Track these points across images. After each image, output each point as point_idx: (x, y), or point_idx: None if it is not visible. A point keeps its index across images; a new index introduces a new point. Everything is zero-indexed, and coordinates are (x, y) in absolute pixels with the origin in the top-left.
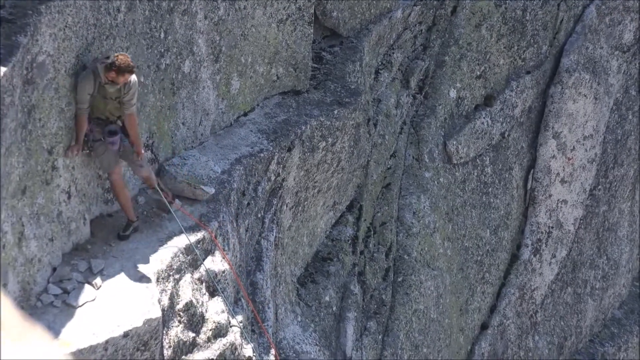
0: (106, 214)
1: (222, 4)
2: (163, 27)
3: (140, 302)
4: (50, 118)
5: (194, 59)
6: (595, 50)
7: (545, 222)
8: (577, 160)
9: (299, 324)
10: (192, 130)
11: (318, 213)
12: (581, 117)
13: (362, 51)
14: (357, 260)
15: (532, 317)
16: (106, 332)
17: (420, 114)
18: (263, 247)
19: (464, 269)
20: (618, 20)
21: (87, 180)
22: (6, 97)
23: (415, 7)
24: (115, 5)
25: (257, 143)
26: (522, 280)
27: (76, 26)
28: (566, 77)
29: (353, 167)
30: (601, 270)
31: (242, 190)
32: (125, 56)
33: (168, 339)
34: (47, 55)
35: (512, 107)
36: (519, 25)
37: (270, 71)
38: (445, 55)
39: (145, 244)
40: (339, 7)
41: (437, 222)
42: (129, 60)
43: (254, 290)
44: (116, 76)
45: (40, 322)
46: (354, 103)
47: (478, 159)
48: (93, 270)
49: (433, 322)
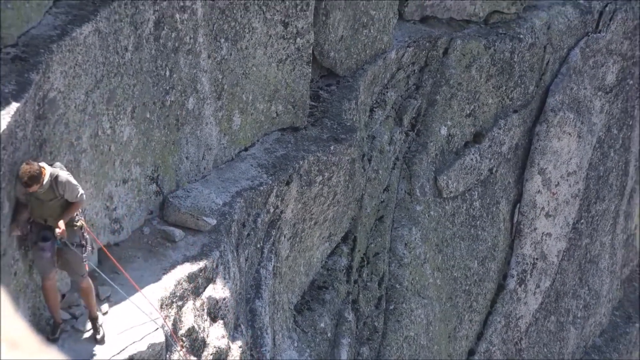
0: (113, 244)
1: (225, 44)
2: (168, 66)
3: (145, 328)
4: (61, 151)
5: (198, 97)
6: (579, 90)
7: (530, 254)
8: (561, 195)
9: (295, 349)
10: (195, 164)
11: (314, 244)
12: (565, 154)
13: (358, 90)
14: (351, 289)
15: (517, 344)
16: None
17: (413, 150)
18: (262, 276)
19: (452, 298)
20: (601, 62)
21: (95, 212)
22: (19, 131)
23: (409, 49)
24: (123, 45)
25: (257, 177)
26: (508, 309)
27: (86, 64)
28: (551, 116)
29: (348, 201)
30: (583, 300)
31: (242, 221)
32: (27, 165)
33: None
34: (58, 91)
35: (499, 144)
36: (507, 67)
37: (270, 108)
38: (437, 94)
39: (149, 272)
40: (336, 48)
41: (428, 253)
42: (29, 170)
43: (253, 316)
44: (27, 187)
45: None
46: (349, 139)
47: (467, 193)
48: (100, 297)
49: (423, 348)
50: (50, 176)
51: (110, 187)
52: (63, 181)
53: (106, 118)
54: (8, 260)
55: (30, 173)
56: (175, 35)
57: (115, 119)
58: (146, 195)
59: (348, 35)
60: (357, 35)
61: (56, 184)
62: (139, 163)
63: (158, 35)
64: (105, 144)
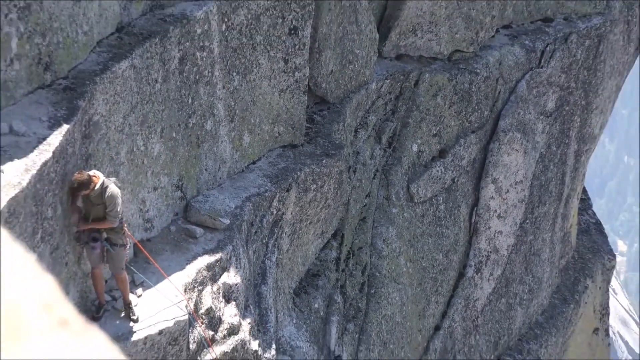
0: (145, 239)
1: (237, 77)
2: (190, 95)
3: (172, 307)
4: (103, 164)
5: (214, 120)
6: (525, 115)
7: (485, 248)
8: (510, 200)
9: (294, 325)
10: (212, 174)
11: (309, 239)
12: (514, 167)
13: (345, 114)
14: (339, 277)
15: (474, 321)
16: (145, 330)
17: (389, 164)
18: (267, 266)
19: (422, 284)
20: (543, 92)
21: (131, 214)
22: (69, 147)
23: (386, 81)
24: (154, 77)
25: (263, 185)
26: (467, 293)
27: (123, 93)
28: (502, 136)
29: (337, 204)
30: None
31: (251, 221)
32: (78, 174)
33: (193, 336)
34: (100, 115)
35: (460, 158)
36: (466, 95)
37: (273, 129)
38: (409, 118)
39: (175, 262)
40: (327, 80)
41: (402, 247)
42: (79, 178)
43: (259, 299)
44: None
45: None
46: (338, 154)
47: (434, 198)
48: (135, 283)
49: (398, 324)
50: (102, 185)
51: (144, 194)
52: (108, 193)
53: (140, 137)
54: (60, 253)
55: (79, 180)
56: (196, 69)
57: (147, 138)
58: (172, 200)
59: (337, 69)
60: (344, 69)
61: (104, 193)
62: (167, 174)
63: (182, 70)
64: (139, 158)
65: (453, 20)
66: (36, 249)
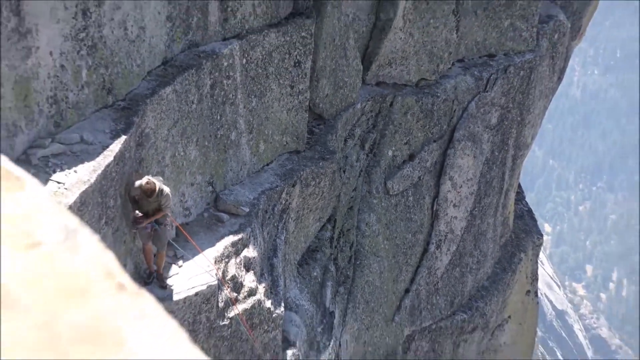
0: (185, 223)
1: (254, 99)
2: (219, 112)
3: (205, 275)
4: (152, 166)
5: (237, 132)
6: (475, 128)
7: (443, 229)
8: (463, 193)
9: (298, 289)
10: (235, 174)
11: (310, 223)
12: (466, 167)
13: (337, 128)
14: (333, 251)
15: (435, 285)
16: (184, 292)
17: (371, 165)
18: (277, 243)
19: (395, 257)
20: (488, 110)
21: (174, 204)
22: (126, 153)
23: (368, 102)
24: (191, 99)
25: (274, 182)
26: (429, 264)
27: (168, 111)
28: (457, 144)
29: (331, 196)
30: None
31: (265, 209)
32: (147, 184)
33: (221, 297)
34: (150, 128)
35: (425, 161)
36: (429, 113)
37: (282, 139)
38: (386, 130)
39: (207, 241)
40: (324, 102)
41: (380, 229)
42: (150, 188)
43: (271, 269)
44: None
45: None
46: (331, 158)
47: (405, 192)
48: (177, 256)
49: (377, 288)
50: (159, 189)
51: (183, 188)
52: (165, 194)
53: (180, 145)
54: (120, 234)
55: (151, 189)
56: (223, 93)
57: (186, 146)
58: (205, 193)
59: (331, 93)
60: (336, 93)
61: (161, 194)
62: (201, 173)
63: (212, 93)
64: (179, 161)
65: (419, 56)
66: (101, 231)
